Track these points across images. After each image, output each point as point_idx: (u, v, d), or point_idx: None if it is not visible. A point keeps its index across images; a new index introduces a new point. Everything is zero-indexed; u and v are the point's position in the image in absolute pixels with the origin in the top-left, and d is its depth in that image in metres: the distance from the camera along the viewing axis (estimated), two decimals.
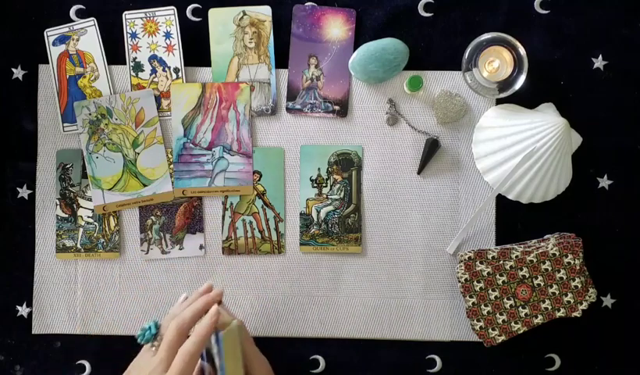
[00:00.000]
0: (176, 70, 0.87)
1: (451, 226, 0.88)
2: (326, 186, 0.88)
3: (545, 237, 0.86)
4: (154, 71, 0.87)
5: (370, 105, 0.88)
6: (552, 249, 0.82)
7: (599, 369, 0.87)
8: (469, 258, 0.83)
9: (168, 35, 0.87)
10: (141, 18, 0.87)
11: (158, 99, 0.87)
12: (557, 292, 0.82)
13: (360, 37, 0.88)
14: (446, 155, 0.88)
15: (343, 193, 0.88)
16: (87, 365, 0.87)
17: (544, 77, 0.87)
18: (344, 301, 0.88)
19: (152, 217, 0.88)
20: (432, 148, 0.86)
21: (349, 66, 0.87)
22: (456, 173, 0.88)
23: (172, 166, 0.87)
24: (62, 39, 0.87)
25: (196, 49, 0.88)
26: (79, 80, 0.87)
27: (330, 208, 0.88)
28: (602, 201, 0.88)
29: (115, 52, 0.87)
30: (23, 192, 0.88)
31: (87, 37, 0.87)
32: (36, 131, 0.88)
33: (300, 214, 0.88)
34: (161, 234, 0.87)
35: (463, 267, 0.83)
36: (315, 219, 0.87)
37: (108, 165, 0.87)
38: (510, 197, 0.86)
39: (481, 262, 0.83)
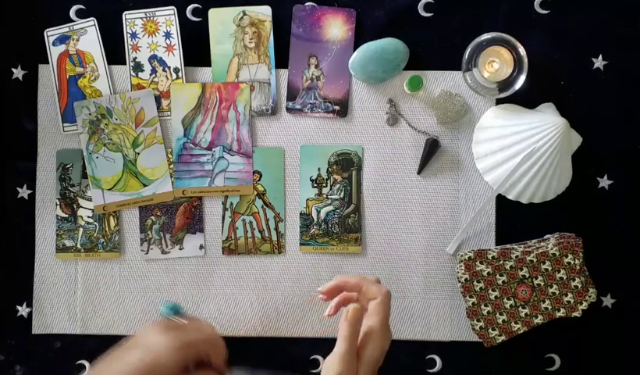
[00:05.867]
0: (176, 70, 0.87)
1: (451, 226, 0.88)
2: (326, 186, 0.88)
3: (545, 237, 0.86)
4: (154, 71, 0.87)
5: (370, 105, 0.88)
6: (552, 249, 0.82)
7: (599, 369, 0.87)
8: (469, 258, 0.83)
9: (168, 35, 0.87)
10: (141, 18, 0.87)
11: (158, 99, 0.87)
12: (557, 292, 0.82)
13: (360, 37, 0.88)
14: (446, 155, 0.88)
15: (343, 193, 0.88)
16: (87, 365, 0.87)
17: (544, 77, 0.87)
18: None
19: (152, 217, 0.88)
20: (432, 148, 0.86)
21: (349, 66, 0.87)
22: (456, 173, 0.88)
23: (172, 166, 0.87)
24: (62, 39, 0.87)
25: (196, 49, 0.88)
26: (79, 80, 0.87)
27: (330, 208, 0.88)
28: (602, 201, 0.88)
29: (115, 52, 0.87)
30: (23, 192, 0.88)
31: (87, 37, 0.87)
32: (36, 131, 0.88)
33: (300, 214, 0.88)
34: (161, 234, 0.87)
35: (463, 267, 0.83)
36: (315, 219, 0.87)
37: (108, 165, 0.87)
38: (510, 197, 0.86)
39: (481, 262, 0.83)
